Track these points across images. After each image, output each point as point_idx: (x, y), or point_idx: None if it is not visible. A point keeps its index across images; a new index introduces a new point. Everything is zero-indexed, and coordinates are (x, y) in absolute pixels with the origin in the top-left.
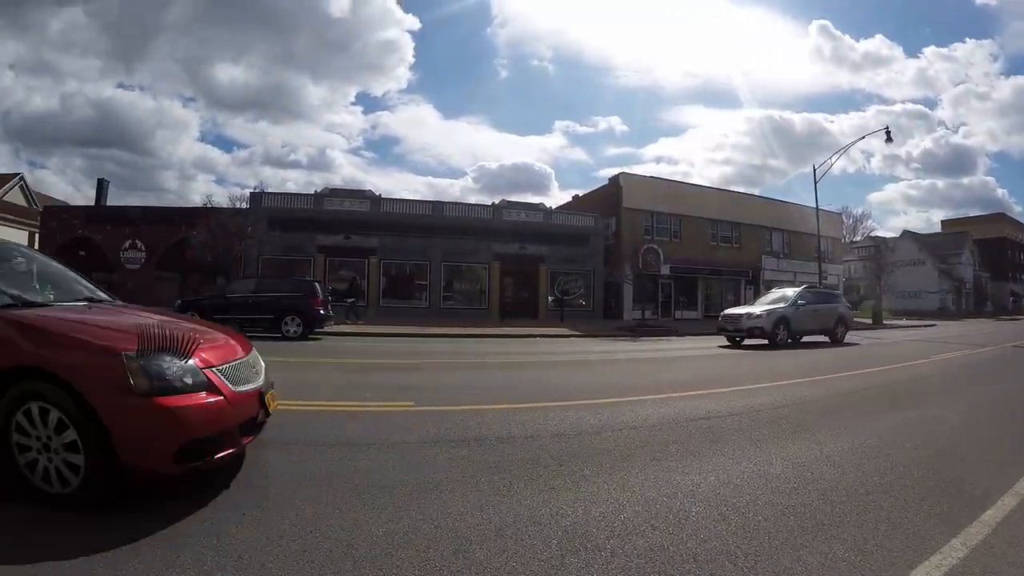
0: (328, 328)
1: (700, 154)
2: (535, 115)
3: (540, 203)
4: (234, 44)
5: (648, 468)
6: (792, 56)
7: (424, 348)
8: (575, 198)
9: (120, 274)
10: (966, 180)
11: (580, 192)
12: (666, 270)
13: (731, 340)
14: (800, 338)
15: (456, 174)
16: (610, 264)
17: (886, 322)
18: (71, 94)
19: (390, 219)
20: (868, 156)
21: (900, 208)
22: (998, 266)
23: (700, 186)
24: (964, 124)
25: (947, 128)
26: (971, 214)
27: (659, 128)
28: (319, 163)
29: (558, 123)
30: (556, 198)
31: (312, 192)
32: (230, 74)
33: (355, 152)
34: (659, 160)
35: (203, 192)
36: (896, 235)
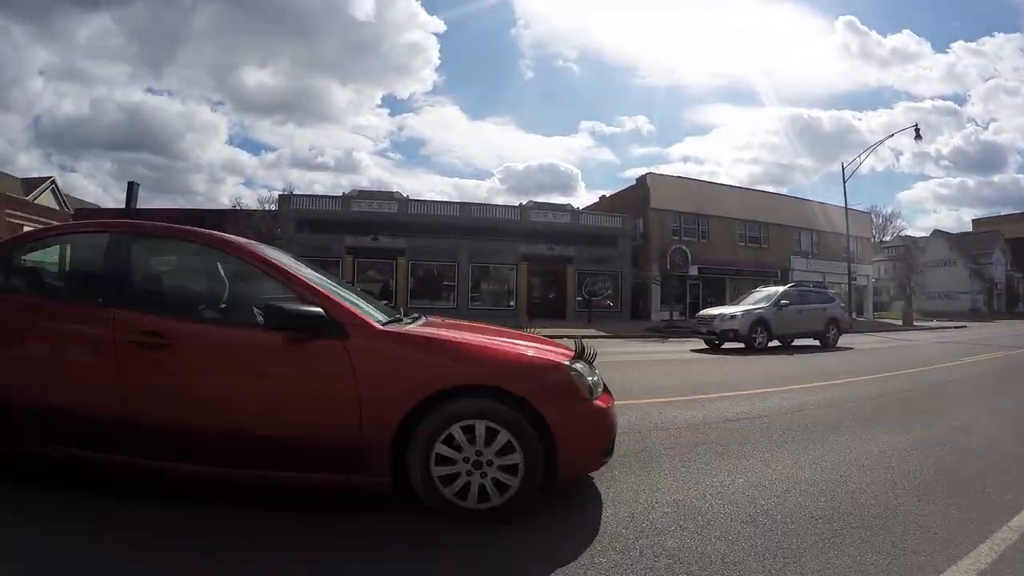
0: None
1: (727, 153)
2: (561, 115)
3: (567, 204)
4: (261, 48)
5: (677, 470)
6: (819, 53)
7: None
8: (602, 198)
9: None
10: (997, 178)
11: (607, 192)
12: (694, 271)
13: (708, 343)
14: (791, 341)
15: (483, 175)
16: (638, 265)
17: (916, 323)
18: (101, 99)
19: (418, 220)
20: (897, 154)
21: (930, 207)
22: None
23: (728, 186)
24: (994, 120)
25: (977, 125)
26: (1003, 212)
27: (686, 127)
28: (346, 165)
29: (584, 123)
30: (583, 199)
31: (340, 194)
32: (257, 78)
33: (382, 154)
34: (686, 160)
35: (232, 194)
36: (926, 235)
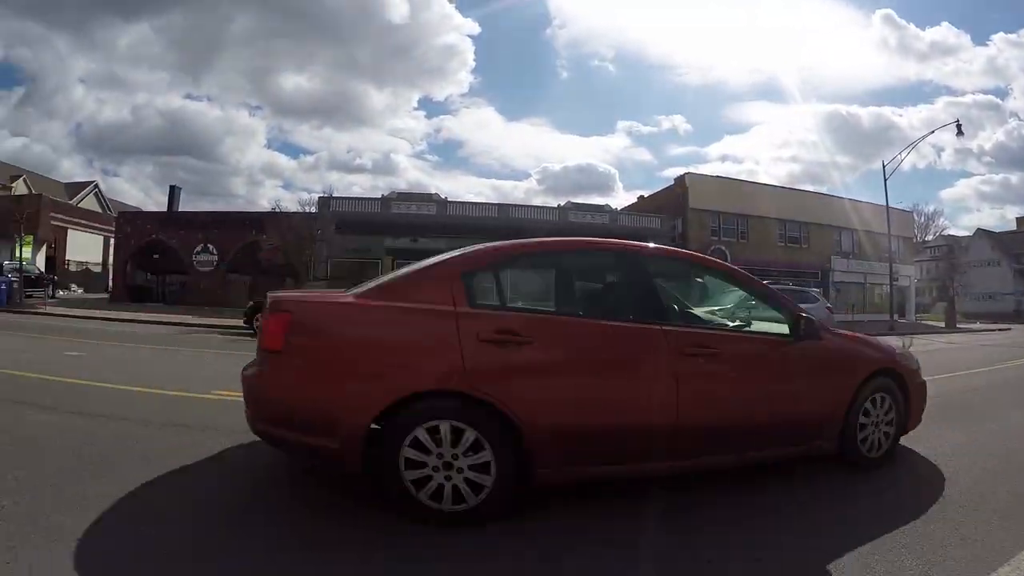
0: None
1: (766, 152)
2: (597, 115)
3: (606, 204)
4: (298, 54)
5: None
6: (857, 48)
7: None
8: (640, 199)
9: (193, 276)
10: None
11: (645, 193)
12: None
13: None
14: None
15: (520, 176)
16: None
17: (959, 326)
18: (141, 105)
19: (457, 222)
20: (939, 151)
21: (973, 205)
22: None
23: (767, 185)
24: None
25: (1020, 119)
26: None
27: (723, 126)
28: (384, 167)
29: (621, 123)
30: (621, 199)
31: (379, 196)
32: (294, 83)
33: (419, 156)
34: (724, 159)
35: (271, 197)
36: (969, 234)
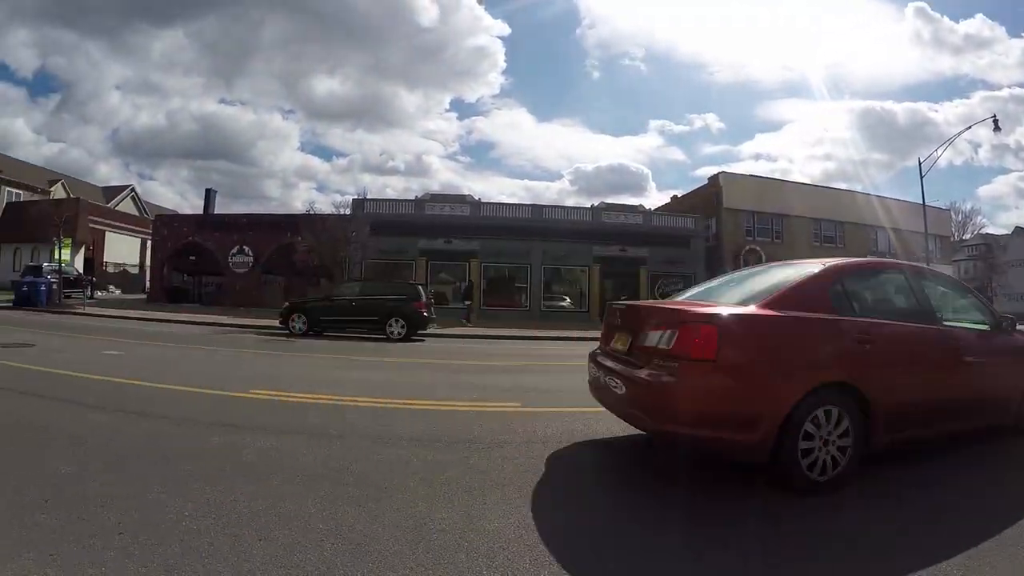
0: (431, 330)
1: (799, 150)
2: (629, 115)
3: (639, 204)
4: (329, 57)
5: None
6: (890, 42)
7: (533, 350)
8: (673, 199)
9: (229, 277)
10: None
11: (678, 192)
12: None
13: None
14: None
15: (552, 177)
16: (711, 267)
17: None
18: (176, 110)
19: (490, 223)
20: (975, 147)
21: (1011, 202)
22: None
23: (801, 184)
24: None
25: None
26: None
27: (756, 124)
28: (416, 169)
29: (653, 122)
30: (654, 199)
31: (413, 198)
32: (326, 86)
33: (451, 157)
34: (757, 157)
35: (305, 199)
36: (1008, 232)
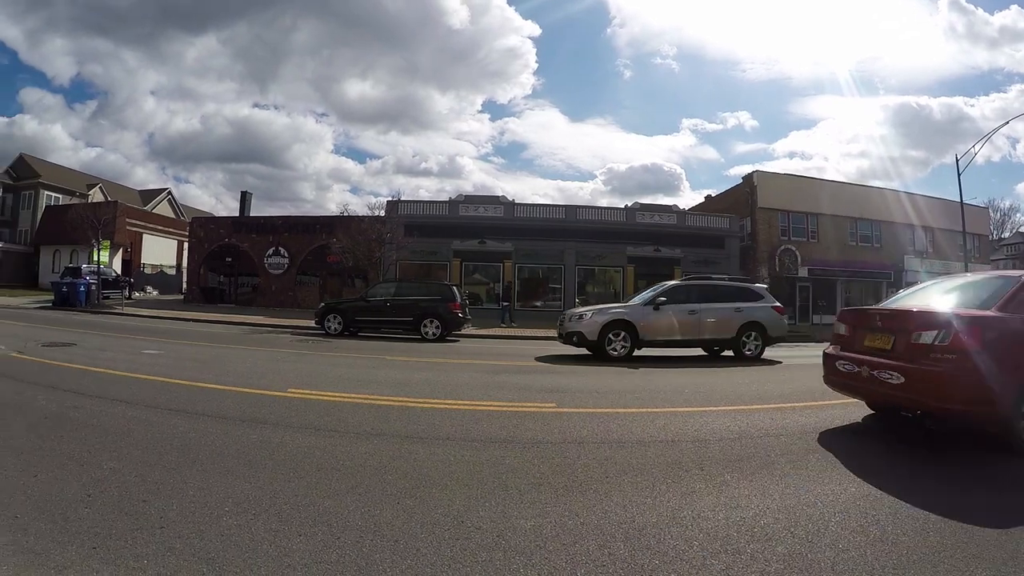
0: (465, 330)
1: (834, 147)
2: (662, 114)
3: (673, 204)
4: (361, 61)
5: (788, 476)
6: (924, 36)
7: (569, 350)
8: (708, 198)
9: (265, 278)
10: None
11: (712, 192)
12: (803, 272)
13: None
14: (720, 351)
15: (585, 177)
16: (746, 267)
17: None
18: (210, 115)
19: (524, 224)
20: (1013, 142)
21: None
22: None
23: (836, 182)
24: None
25: None
26: None
27: (790, 121)
28: (449, 170)
29: (686, 121)
30: (688, 198)
31: (447, 199)
32: (359, 89)
33: (484, 158)
34: (792, 155)
35: (339, 201)
36: None
